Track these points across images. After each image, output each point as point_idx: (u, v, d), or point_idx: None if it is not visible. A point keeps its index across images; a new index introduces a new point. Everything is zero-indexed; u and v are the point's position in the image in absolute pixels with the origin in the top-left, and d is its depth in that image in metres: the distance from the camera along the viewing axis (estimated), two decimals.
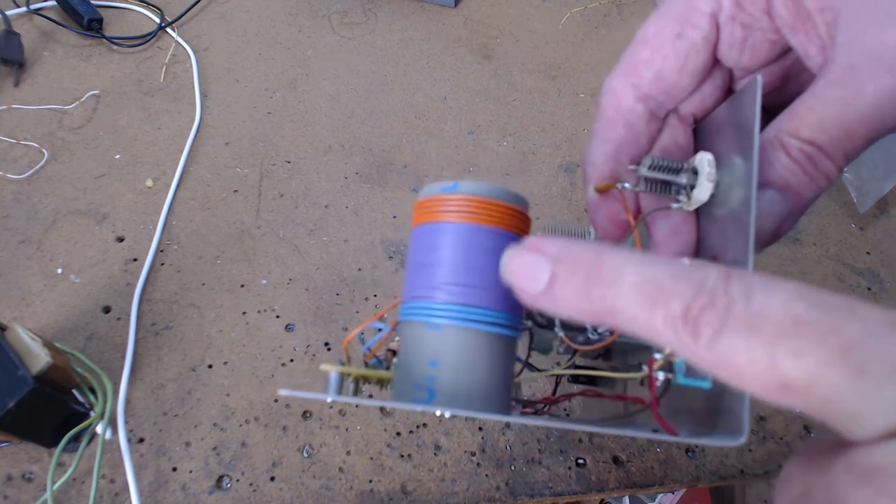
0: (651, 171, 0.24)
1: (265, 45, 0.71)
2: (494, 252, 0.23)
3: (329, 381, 0.25)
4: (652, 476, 0.45)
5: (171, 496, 0.41)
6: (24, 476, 0.41)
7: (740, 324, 0.15)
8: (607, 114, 0.26)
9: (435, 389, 0.22)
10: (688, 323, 0.16)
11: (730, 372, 0.16)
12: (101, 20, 0.68)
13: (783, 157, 0.22)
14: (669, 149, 0.26)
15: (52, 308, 0.48)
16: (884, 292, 0.58)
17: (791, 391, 0.15)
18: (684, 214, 0.25)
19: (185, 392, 0.45)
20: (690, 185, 0.24)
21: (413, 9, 0.78)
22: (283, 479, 0.43)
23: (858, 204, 0.63)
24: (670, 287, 0.16)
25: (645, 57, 0.26)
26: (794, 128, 0.22)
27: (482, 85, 0.70)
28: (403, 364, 0.24)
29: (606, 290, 0.18)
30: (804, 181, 0.22)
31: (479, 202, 0.23)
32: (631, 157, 0.26)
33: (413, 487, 0.43)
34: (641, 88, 0.26)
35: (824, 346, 0.15)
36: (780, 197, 0.23)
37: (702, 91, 0.26)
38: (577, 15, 0.79)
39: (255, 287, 0.51)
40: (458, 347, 0.22)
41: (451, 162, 0.62)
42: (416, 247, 0.24)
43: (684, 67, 0.25)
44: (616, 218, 0.27)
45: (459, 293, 0.22)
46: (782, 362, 0.15)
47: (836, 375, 0.14)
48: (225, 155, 0.60)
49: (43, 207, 0.54)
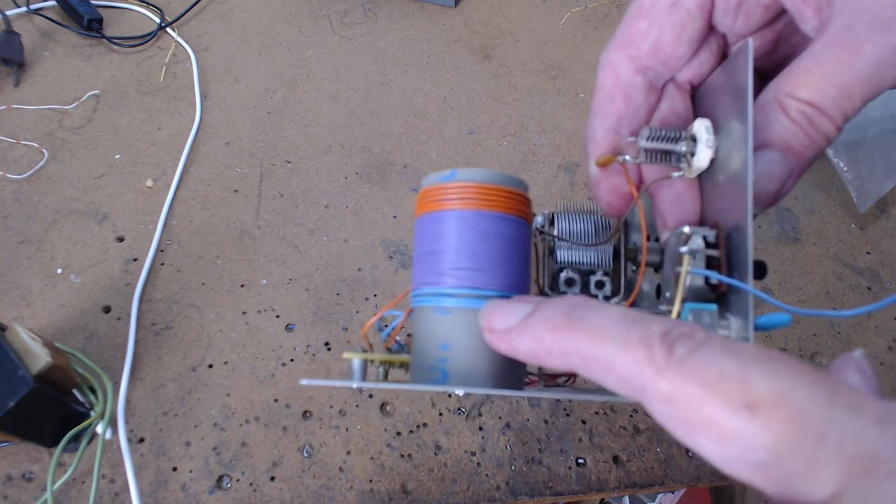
0: (650, 142, 0.24)
1: (265, 45, 0.71)
2: (496, 235, 0.24)
3: (353, 369, 0.26)
4: (652, 476, 0.45)
5: (171, 496, 0.41)
6: (25, 476, 0.41)
7: (717, 347, 0.16)
8: (606, 88, 0.26)
9: (448, 371, 0.23)
10: (665, 341, 0.16)
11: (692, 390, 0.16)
12: (101, 20, 0.68)
13: (782, 118, 0.23)
14: (668, 118, 0.26)
15: (53, 308, 0.48)
16: (883, 292, 0.58)
17: (756, 409, 0.15)
18: (687, 182, 0.25)
19: (185, 392, 0.45)
20: (690, 153, 0.24)
21: (413, 9, 0.78)
22: (283, 479, 0.43)
23: (858, 204, 0.63)
24: (651, 318, 0.18)
25: (642, 28, 0.25)
26: (792, 89, 0.22)
27: (482, 85, 0.70)
28: (417, 348, 0.25)
29: (588, 313, 0.18)
30: (804, 141, 0.23)
31: (477, 188, 0.24)
32: (631, 130, 0.26)
33: (413, 487, 0.43)
34: (639, 60, 0.26)
35: (799, 372, 0.15)
36: (780, 157, 0.23)
37: (698, 58, 0.26)
38: (577, 15, 0.79)
39: (255, 287, 0.51)
40: (467, 329, 0.23)
41: (451, 162, 0.62)
42: (421, 236, 0.25)
43: (681, 36, 0.25)
44: (619, 191, 0.27)
45: (466, 277, 0.23)
46: (753, 379, 0.15)
47: (806, 396, 0.14)
48: (225, 155, 0.60)
49: (43, 207, 0.54)
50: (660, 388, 0.16)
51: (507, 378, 0.24)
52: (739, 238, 0.22)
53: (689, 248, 0.22)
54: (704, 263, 0.22)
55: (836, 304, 0.57)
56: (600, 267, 0.28)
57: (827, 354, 0.53)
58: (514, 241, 0.24)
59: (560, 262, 0.28)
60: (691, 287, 0.22)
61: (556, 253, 0.28)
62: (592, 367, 0.18)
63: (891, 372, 0.53)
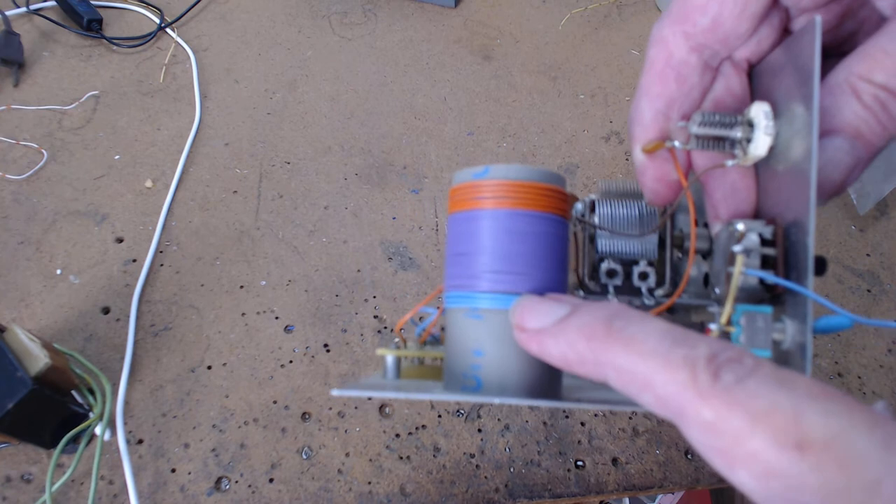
0: (702, 128, 0.22)
1: (265, 46, 0.71)
2: (533, 236, 0.22)
3: (386, 366, 0.25)
4: (651, 478, 0.45)
5: (169, 497, 0.41)
6: (23, 477, 0.41)
7: (768, 377, 0.15)
8: (657, 67, 0.24)
9: (482, 378, 0.22)
10: (711, 364, 0.15)
11: (738, 421, 0.15)
12: (101, 20, 0.68)
13: (854, 103, 0.21)
14: (723, 99, 0.24)
15: (52, 309, 0.48)
16: (883, 294, 0.58)
17: (807, 448, 0.14)
18: (742, 171, 0.23)
19: (183, 393, 0.45)
20: (746, 139, 0.22)
21: (413, 9, 0.77)
22: (281, 481, 0.43)
23: (858, 206, 0.62)
24: (697, 337, 0.16)
25: (700, 3, 0.23)
26: (867, 71, 0.21)
27: (482, 86, 0.70)
28: (450, 353, 0.23)
29: (630, 324, 0.17)
30: (876, 129, 0.21)
31: (512, 185, 0.22)
32: (682, 113, 0.24)
33: (412, 489, 0.43)
34: (696, 38, 0.23)
35: (856, 413, 0.14)
36: (848, 145, 0.21)
37: (758, 34, 0.24)
38: (578, 16, 0.79)
39: (254, 288, 0.51)
40: (502, 335, 0.22)
41: (450, 163, 0.62)
42: (453, 235, 0.24)
43: (744, 12, 0.23)
44: (666, 178, 0.25)
45: (501, 280, 0.22)
46: (806, 416, 0.14)
47: (862, 439, 0.14)
48: (224, 156, 0.60)
49: (42, 208, 0.54)
50: (702, 414, 0.15)
51: (545, 386, 0.22)
52: (798, 234, 0.20)
53: (743, 246, 0.21)
54: (759, 262, 0.21)
55: (836, 305, 0.57)
56: (644, 257, 0.26)
57: (826, 356, 0.53)
58: (551, 240, 0.23)
59: (601, 252, 0.26)
60: (744, 287, 0.21)
61: (598, 242, 0.26)
62: (628, 383, 0.17)
63: (890, 374, 0.53)
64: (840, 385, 0.52)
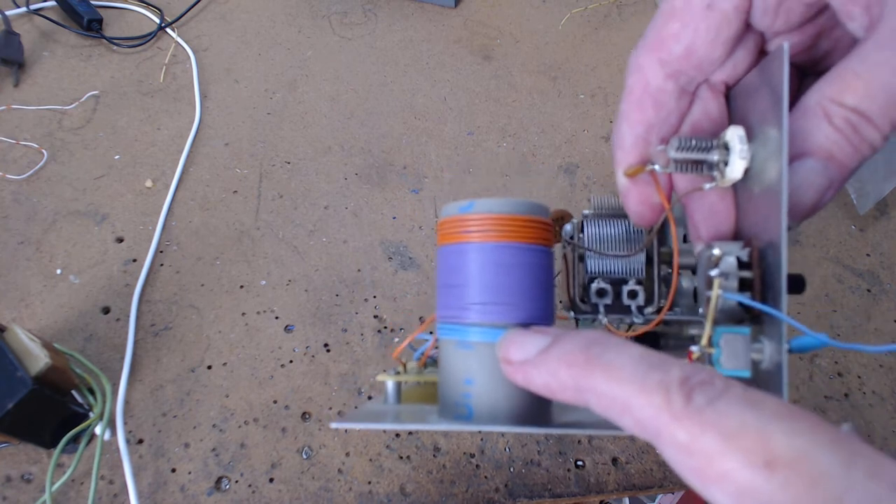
0: (680, 153, 0.23)
1: (265, 46, 0.71)
2: (519, 267, 0.23)
3: (386, 392, 0.26)
4: (651, 478, 0.45)
5: (169, 497, 0.41)
6: (23, 477, 0.41)
7: (738, 398, 0.16)
8: (635, 94, 0.25)
9: (473, 406, 0.23)
10: (684, 387, 0.16)
11: (709, 441, 0.15)
12: (101, 20, 0.68)
13: (825, 126, 0.21)
14: (700, 122, 0.25)
15: (52, 309, 0.48)
16: (883, 294, 0.58)
17: (775, 467, 0.14)
18: (720, 192, 0.24)
19: (184, 393, 0.45)
20: (723, 162, 0.23)
21: (413, 9, 0.77)
22: (282, 481, 0.43)
23: (858, 205, 0.63)
24: (670, 361, 0.17)
25: (674, 31, 0.24)
26: (837, 94, 0.21)
27: (482, 86, 0.70)
28: (443, 381, 0.24)
29: (606, 351, 0.18)
30: (847, 151, 0.21)
31: (496, 220, 0.23)
32: (661, 137, 0.25)
33: (412, 489, 0.43)
34: (671, 65, 0.24)
35: (820, 432, 0.15)
36: (821, 167, 0.21)
37: (734, 58, 0.25)
38: (578, 16, 0.79)
39: (254, 288, 0.51)
40: (490, 365, 0.23)
41: (450, 163, 0.62)
42: (442, 268, 0.24)
43: (716, 39, 0.23)
44: (649, 201, 0.26)
45: (488, 312, 0.23)
46: (773, 435, 0.15)
47: (826, 457, 0.14)
48: (224, 156, 0.60)
49: (42, 208, 0.54)
50: (676, 435, 0.16)
51: (534, 413, 0.23)
52: (774, 255, 0.21)
53: (720, 270, 0.22)
54: (737, 284, 0.22)
55: (836, 305, 0.57)
56: (632, 275, 0.27)
57: (826, 356, 0.53)
58: (535, 270, 0.23)
59: (591, 272, 0.27)
60: (723, 309, 0.22)
61: (587, 262, 0.27)
62: (608, 407, 0.18)
63: (890, 374, 0.53)
64: (840, 385, 0.52)
